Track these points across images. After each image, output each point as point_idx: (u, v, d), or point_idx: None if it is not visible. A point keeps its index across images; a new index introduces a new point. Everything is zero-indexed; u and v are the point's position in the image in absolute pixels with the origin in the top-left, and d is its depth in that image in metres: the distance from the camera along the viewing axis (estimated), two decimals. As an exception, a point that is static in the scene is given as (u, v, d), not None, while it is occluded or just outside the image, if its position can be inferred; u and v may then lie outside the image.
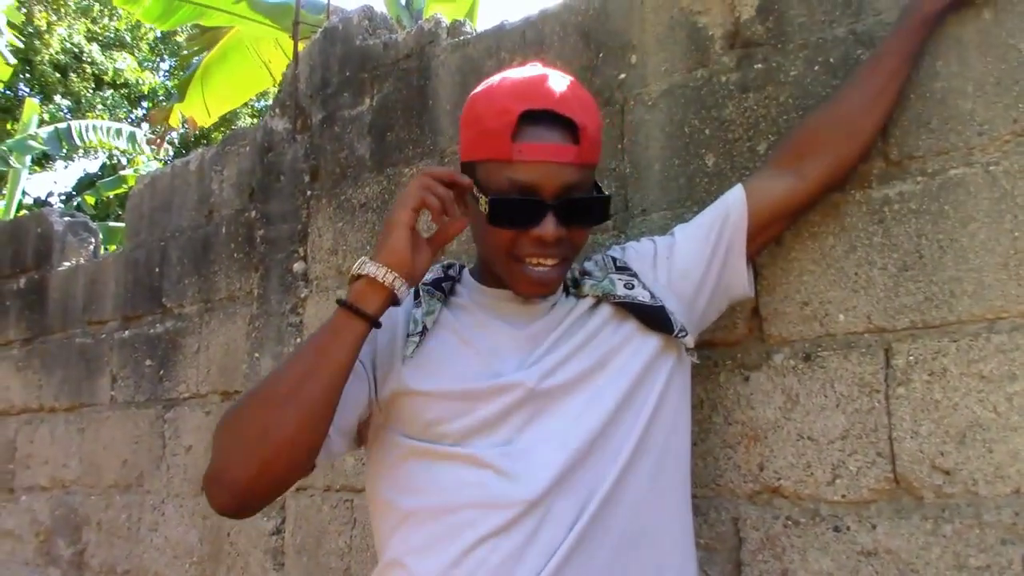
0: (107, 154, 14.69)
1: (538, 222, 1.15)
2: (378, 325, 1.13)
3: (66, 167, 16.76)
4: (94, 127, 11.51)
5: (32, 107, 11.46)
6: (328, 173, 2.32)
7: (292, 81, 2.47)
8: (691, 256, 1.33)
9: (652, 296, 1.26)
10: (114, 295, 2.96)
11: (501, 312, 1.26)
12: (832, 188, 1.38)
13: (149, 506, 2.68)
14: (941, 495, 1.28)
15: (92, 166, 15.70)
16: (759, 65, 1.55)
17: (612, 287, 1.25)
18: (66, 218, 3.39)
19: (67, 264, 3.28)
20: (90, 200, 12.50)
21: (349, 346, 1.11)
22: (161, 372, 2.73)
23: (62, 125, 11.34)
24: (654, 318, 1.24)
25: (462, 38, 2.09)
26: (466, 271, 1.36)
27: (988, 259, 1.27)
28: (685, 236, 1.36)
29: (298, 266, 2.34)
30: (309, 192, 2.36)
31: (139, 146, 11.62)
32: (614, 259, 1.33)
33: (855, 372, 1.37)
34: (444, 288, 1.29)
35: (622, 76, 1.74)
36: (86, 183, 13.90)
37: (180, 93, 6.36)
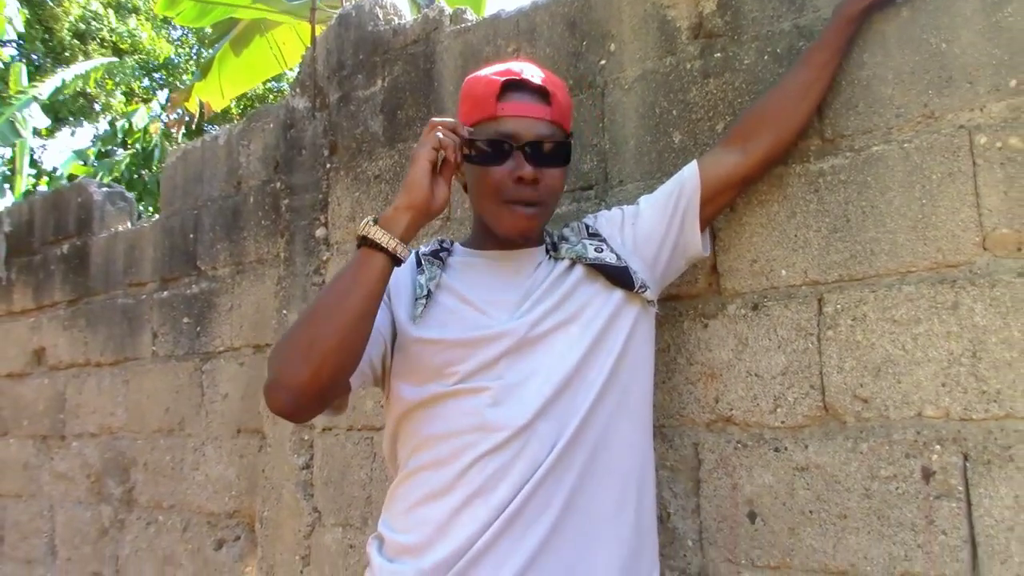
0: (110, 120, 14.91)
1: (514, 161, 1.43)
2: (398, 262, 1.35)
3: (72, 134, 17.00)
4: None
5: (16, 71, 11.57)
6: (345, 148, 2.57)
7: (311, 63, 2.71)
8: (653, 222, 1.58)
9: (618, 258, 1.52)
10: (152, 259, 3.25)
11: (493, 272, 1.52)
12: (773, 163, 1.62)
13: (191, 448, 2.98)
14: (860, 419, 1.53)
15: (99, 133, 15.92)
16: (718, 54, 1.78)
17: (584, 251, 1.51)
18: (104, 188, 3.66)
19: (107, 232, 3.56)
20: (90, 160, 12.75)
21: (376, 273, 1.33)
22: (198, 328, 3.02)
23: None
24: (618, 277, 1.50)
25: (463, 25, 2.32)
26: (457, 244, 1.62)
27: (901, 223, 1.52)
28: (648, 205, 1.61)
29: (320, 232, 2.60)
30: (328, 165, 2.61)
31: (151, 116, 11.83)
32: (587, 226, 1.59)
33: (793, 319, 1.63)
34: (442, 257, 1.55)
35: (602, 62, 1.98)
36: (104, 153, 14.16)
37: (202, 73, 6.59)
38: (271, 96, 15.09)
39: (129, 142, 12.55)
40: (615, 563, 1.38)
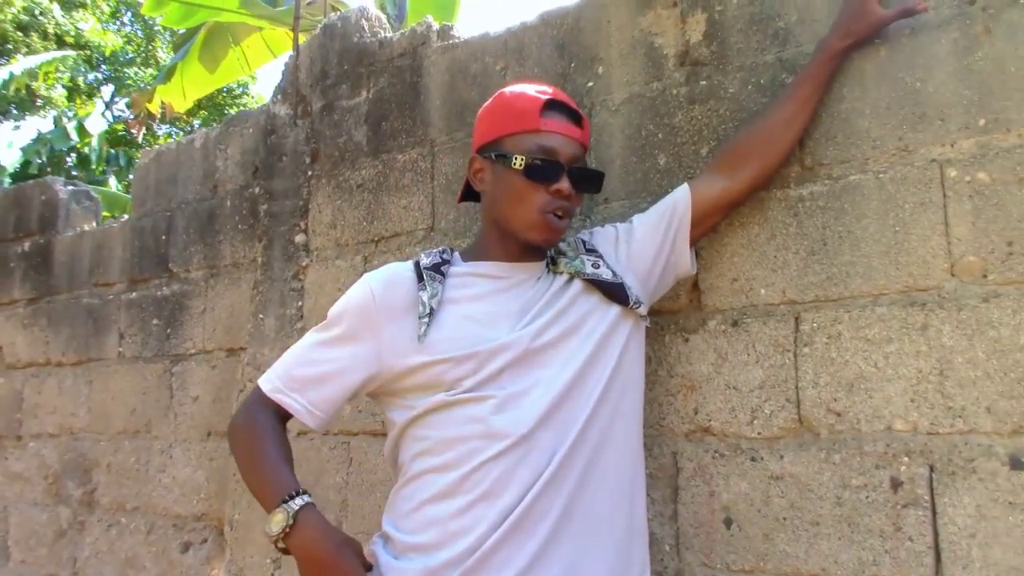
0: (58, 113, 14.64)
1: (559, 179, 1.52)
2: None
3: (16, 128, 16.63)
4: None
5: None
6: (327, 156, 2.61)
7: (293, 71, 2.75)
8: (646, 240, 1.66)
9: (614, 274, 1.59)
10: (121, 259, 3.23)
11: (495, 286, 1.56)
12: (758, 189, 1.71)
13: (157, 450, 2.97)
14: (833, 431, 1.63)
15: (44, 125, 15.64)
16: (704, 82, 1.88)
17: (582, 266, 1.58)
18: (70, 187, 3.63)
19: (72, 231, 3.52)
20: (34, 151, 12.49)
21: None
22: (168, 330, 3.01)
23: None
24: (614, 292, 1.57)
25: (451, 42, 2.38)
26: (457, 254, 1.64)
27: (875, 248, 1.62)
28: (641, 223, 1.69)
29: (300, 238, 2.63)
30: (310, 172, 2.64)
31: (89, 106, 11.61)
32: (584, 241, 1.66)
33: (771, 335, 1.72)
34: (443, 272, 1.57)
35: (590, 84, 2.06)
36: (41, 141, 13.88)
37: (166, 76, 6.55)
38: (219, 96, 14.99)
39: (79, 145, 12.32)
40: (609, 561, 1.45)
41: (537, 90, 1.58)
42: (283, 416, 1.56)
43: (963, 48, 1.56)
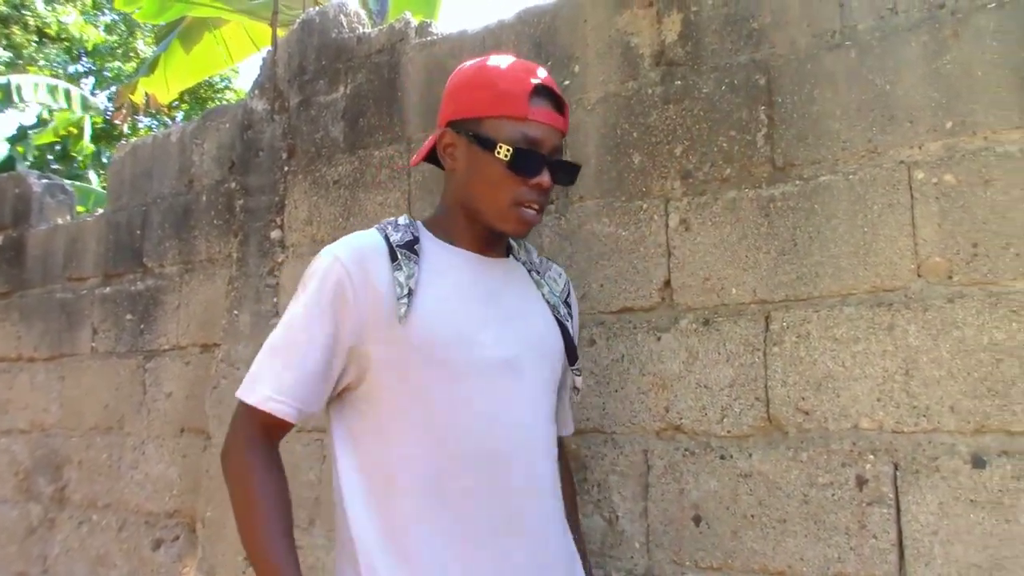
0: (41, 108, 14.52)
1: (541, 173, 1.45)
2: None
3: (-5, 122, 16.50)
4: (35, 84, 11.41)
5: None
6: (304, 152, 2.60)
7: (271, 66, 2.74)
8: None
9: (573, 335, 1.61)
10: (95, 254, 3.21)
11: (475, 277, 1.50)
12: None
13: (130, 446, 2.95)
14: (801, 430, 1.64)
15: (26, 118, 15.48)
16: (679, 82, 1.89)
17: (558, 307, 1.58)
18: (44, 180, 3.59)
19: (46, 224, 3.49)
20: (20, 151, 12.39)
21: None
22: (142, 326, 2.99)
23: (1, 79, 11.22)
24: (570, 348, 1.57)
25: (429, 39, 2.38)
26: (422, 227, 1.52)
27: (844, 248, 1.64)
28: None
29: (275, 234, 2.63)
30: (286, 168, 2.64)
31: (73, 103, 11.52)
32: (569, 292, 1.65)
33: (742, 334, 1.73)
34: (416, 250, 1.45)
35: (567, 83, 2.06)
36: (20, 135, 13.75)
37: (149, 68, 6.51)
38: (202, 90, 14.91)
39: (61, 134, 12.22)
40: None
41: (525, 70, 1.47)
42: (278, 431, 1.45)
43: (932, 51, 1.58)
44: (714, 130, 1.81)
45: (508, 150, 1.41)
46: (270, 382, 1.40)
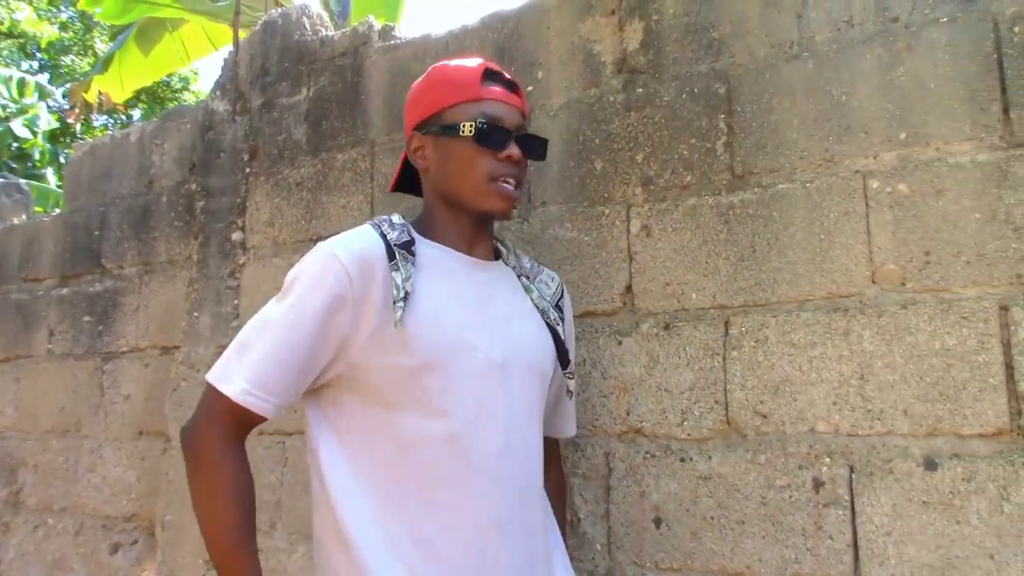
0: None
1: (508, 145, 1.49)
2: None
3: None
4: None
5: None
6: (266, 153, 2.59)
7: (233, 68, 2.72)
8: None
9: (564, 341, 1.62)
10: (52, 254, 3.16)
11: (470, 280, 1.50)
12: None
13: (87, 449, 2.91)
14: (759, 433, 1.68)
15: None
16: (640, 89, 1.91)
17: (547, 313, 1.59)
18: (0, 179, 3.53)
19: (2, 224, 3.43)
20: None
21: None
22: (100, 327, 2.95)
23: None
24: (561, 352, 1.59)
25: (392, 42, 2.38)
26: (411, 228, 1.51)
27: (801, 255, 1.67)
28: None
29: (236, 235, 2.61)
30: (248, 169, 2.62)
31: (25, 93, 11.32)
32: (561, 295, 1.67)
33: (702, 339, 1.76)
34: (413, 251, 1.44)
35: (530, 88, 2.08)
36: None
37: (103, 66, 6.40)
38: (160, 89, 14.72)
39: (25, 145, 11.98)
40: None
41: (473, 61, 1.57)
42: (250, 425, 1.40)
43: (886, 64, 1.62)
44: (675, 138, 1.84)
45: (471, 125, 1.48)
46: (248, 375, 1.35)
